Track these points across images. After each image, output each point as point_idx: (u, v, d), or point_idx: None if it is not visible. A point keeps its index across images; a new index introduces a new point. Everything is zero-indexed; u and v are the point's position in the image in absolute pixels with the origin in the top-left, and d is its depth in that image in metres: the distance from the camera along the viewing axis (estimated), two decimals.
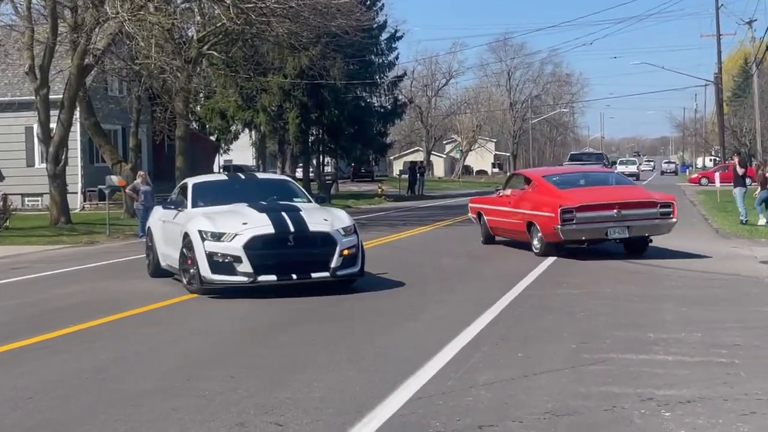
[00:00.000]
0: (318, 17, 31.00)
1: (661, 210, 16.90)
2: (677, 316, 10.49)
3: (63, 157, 29.40)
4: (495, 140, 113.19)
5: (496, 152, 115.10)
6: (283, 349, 9.01)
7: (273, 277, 12.13)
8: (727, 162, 50.49)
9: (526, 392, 7.03)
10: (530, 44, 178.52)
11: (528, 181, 18.78)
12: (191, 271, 12.53)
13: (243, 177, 16.81)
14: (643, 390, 7.00)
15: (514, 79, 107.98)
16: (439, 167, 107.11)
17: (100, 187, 31.13)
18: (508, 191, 19.24)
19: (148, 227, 15.54)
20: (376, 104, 56.50)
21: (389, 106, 57.01)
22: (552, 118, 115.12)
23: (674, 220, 17.04)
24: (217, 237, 12.22)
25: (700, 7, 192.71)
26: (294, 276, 12.22)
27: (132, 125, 36.33)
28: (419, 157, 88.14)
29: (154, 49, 27.77)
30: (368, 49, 51.33)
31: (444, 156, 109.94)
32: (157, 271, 14.69)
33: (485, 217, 19.87)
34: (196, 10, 35.18)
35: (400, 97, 61.83)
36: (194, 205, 13.68)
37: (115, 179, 30.78)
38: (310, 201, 14.31)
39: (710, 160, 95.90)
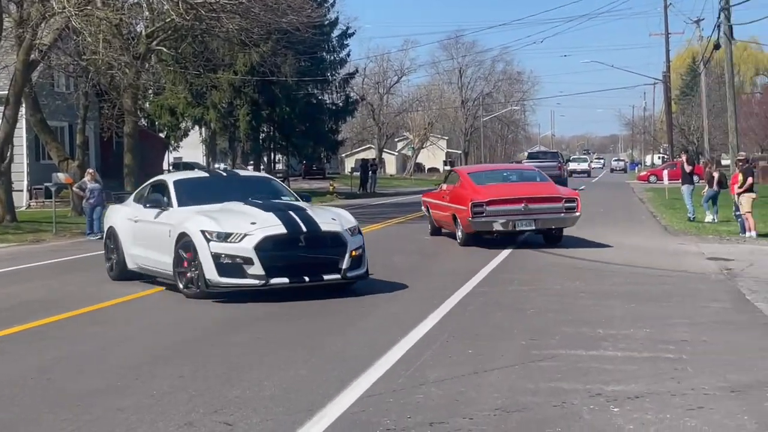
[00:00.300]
0: (269, 13, 30.86)
1: (566, 205, 18.10)
2: (626, 312, 10.58)
3: (8, 154, 28.92)
4: (447, 138, 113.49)
5: (448, 150, 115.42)
6: (234, 348, 8.94)
7: (285, 280, 11.51)
8: (675, 160, 51.13)
9: (476, 389, 7.04)
10: (482, 42, 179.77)
11: (457, 177, 20.39)
12: (190, 274, 11.81)
13: (225, 174, 15.94)
14: (592, 386, 7.05)
15: (466, 76, 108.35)
16: (391, 165, 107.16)
17: (46, 184, 30.72)
18: (445, 186, 20.69)
19: (110, 227, 14.47)
20: (327, 101, 56.44)
21: (341, 104, 56.98)
22: (503, 116, 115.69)
23: (578, 214, 18.17)
24: (224, 237, 11.49)
25: (649, 6, 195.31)
26: (306, 278, 11.64)
27: (79, 122, 35.88)
28: (371, 154, 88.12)
29: (102, 44, 27.42)
30: (320, 46, 51.29)
31: (396, 153, 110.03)
32: (123, 273, 13.90)
33: (431, 210, 21.28)
34: (145, 5, 34.79)
35: (351, 94, 61.85)
36: (181, 204, 12.79)
37: (61, 177, 30.36)
38: (298, 199, 13.65)
39: (659, 157, 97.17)
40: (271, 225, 11.63)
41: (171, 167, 58.80)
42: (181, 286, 12.03)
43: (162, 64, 41.13)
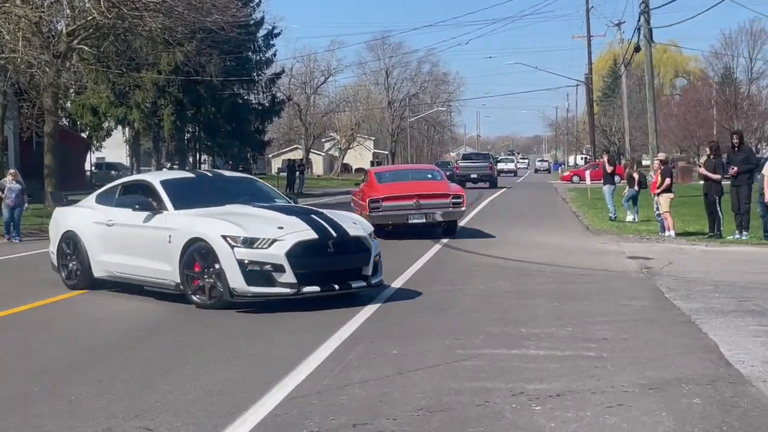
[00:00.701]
0: (193, 12, 30.55)
1: (453, 201, 20.22)
2: (548, 310, 10.71)
3: None
4: (374, 138, 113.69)
5: (375, 150, 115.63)
6: (156, 351, 8.81)
7: (316, 288, 10.81)
8: (597, 160, 52.01)
9: (400, 389, 7.05)
10: (408, 43, 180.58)
11: (366, 176, 23.03)
12: (202, 282, 10.95)
13: (211, 175, 14.92)
14: (515, 384, 7.11)
15: (392, 77, 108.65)
16: (318, 165, 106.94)
17: None
18: (361, 185, 22.88)
19: (69, 231, 13.10)
20: (254, 101, 56.13)
21: (267, 104, 56.71)
22: (429, 117, 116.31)
23: (463, 208, 20.63)
24: (249, 243, 10.67)
25: (572, 9, 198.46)
26: (336, 286, 11.02)
27: None
28: (298, 155, 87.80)
29: (21, 42, 26.87)
30: (245, 46, 50.98)
31: (323, 154, 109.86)
32: (87, 282, 12.79)
33: (354, 208, 22.39)
34: (66, 3, 34.13)
35: (278, 94, 61.57)
36: (178, 207, 11.79)
37: None
38: (288, 202, 13.06)
39: (581, 158, 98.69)
40: (301, 230, 10.98)
41: (93, 168, 57.82)
42: (194, 298, 11.07)
43: (83, 63, 40.38)
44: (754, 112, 63.51)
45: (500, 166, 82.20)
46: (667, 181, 20.01)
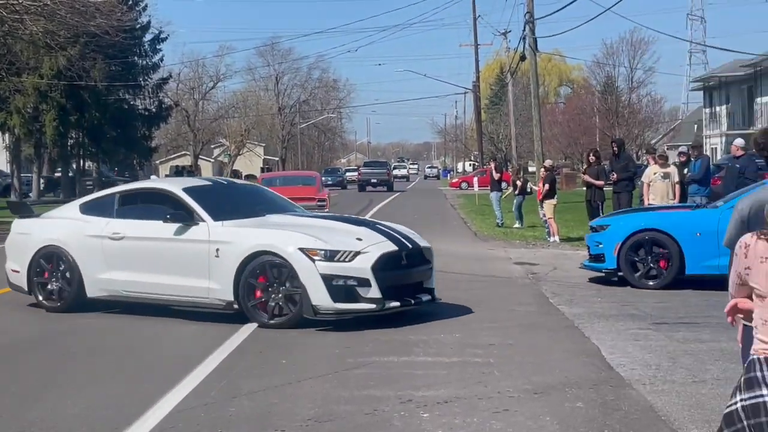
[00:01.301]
0: (76, 16, 29.81)
1: (318, 203, 22.61)
2: (437, 317, 10.78)
3: None
4: (264, 145, 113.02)
5: (266, 156, 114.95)
6: (39, 364, 8.57)
7: (397, 303, 10.20)
8: (485, 167, 52.85)
9: (289, 400, 7.02)
10: (298, 49, 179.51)
11: (256, 181, 24.97)
12: (266, 298, 10.10)
13: (225, 182, 13.62)
14: (403, 392, 7.16)
15: (282, 83, 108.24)
16: (207, 171, 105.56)
17: None
18: None
19: (52, 246, 11.56)
20: (140, 107, 55.03)
21: (154, 109, 55.67)
22: (320, 123, 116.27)
23: (327, 210, 22.04)
24: (330, 256, 9.94)
25: (459, 18, 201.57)
26: (411, 300, 10.45)
27: None
28: (186, 161, 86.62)
29: None
30: (131, 51, 49.96)
31: (212, 160, 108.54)
32: (77, 302, 11.37)
33: None
34: None
35: (165, 99, 60.47)
36: (216, 218, 10.68)
37: None
38: (300, 209, 12.38)
39: (470, 165, 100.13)
40: (380, 241, 10.40)
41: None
42: (263, 317, 10.14)
43: None
44: (634, 120, 65.42)
45: (395, 172, 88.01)
46: (546, 187, 20.50)
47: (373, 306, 10.01)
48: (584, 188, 20.94)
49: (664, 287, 12.74)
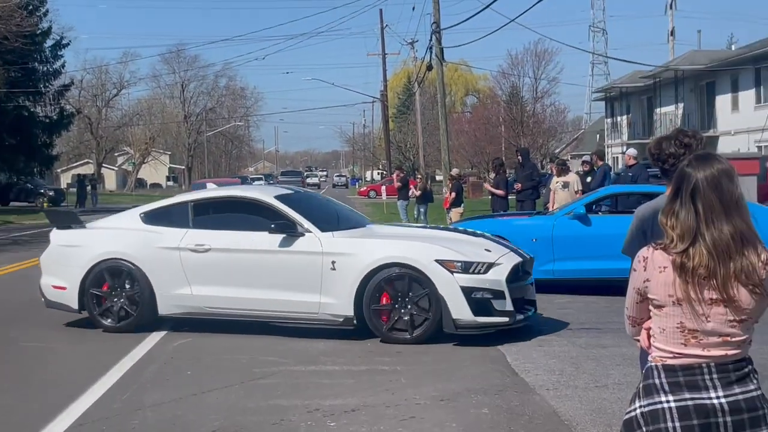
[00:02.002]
0: None
1: None
2: None
3: None
4: (170, 153, 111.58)
5: (171, 165, 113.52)
6: None
7: (521, 316, 9.79)
8: (392, 176, 53.11)
9: (194, 411, 6.93)
10: (204, 57, 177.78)
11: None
12: (399, 315, 9.52)
13: (303, 191, 12.90)
14: (311, 401, 7.14)
15: (189, 91, 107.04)
16: (111, 180, 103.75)
17: None
18: None
19: (115, 260, 10.49)
20: (41, 114, 53.72)
21: (55, 116, 54.43)
22: (227, 131, 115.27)
23: None
24: (466, 268, 9.46)
25: (367, 27, 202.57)
26: (529, 313, 10.09)
27: None
28: (89, 169, 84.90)
29: None
30: (32, 57, 48.79)
31: (116, 168, 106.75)
32: (146, 321, 10.43)
33: None
34: None
35: (67, 107, 59.25)
36: (323, 229, 10.06)
37: None
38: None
39: (378, 173, 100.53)
40: (506, 253, 9.98)
41: None
42: (393, 332, 9.59)
43: None
44: (539, 130, 66.55)
45: (308, 180, 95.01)
46: (453, 195, 20.76)
47: (506, 319, 9.57)
48: (489, 197, 21.25)
49: None
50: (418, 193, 23.81)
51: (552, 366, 8.37)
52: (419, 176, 29.43)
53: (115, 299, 10.45)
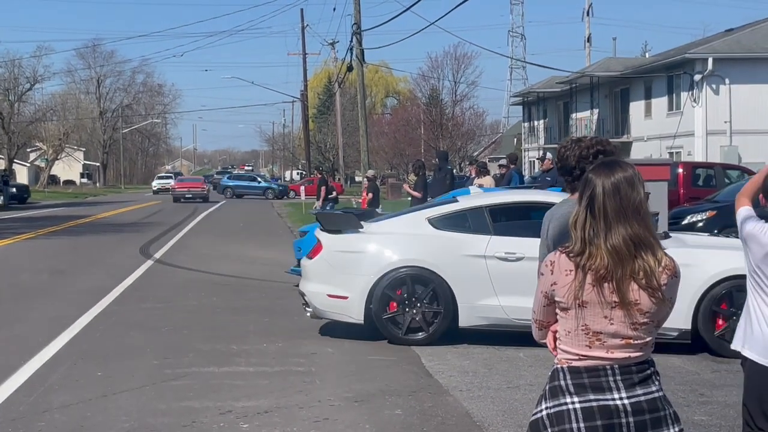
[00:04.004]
0: None
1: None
2: (260, 326, 10.73)
3: None
4: (84, 149, 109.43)
5: (86, 162, 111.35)
6: None
7: None
8: (312, 176, 52.97)
9: (103, 413, 6.80)
10: (121, 52, 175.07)
11: None
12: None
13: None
14: (223, 403, 7.07)
15: (104, 87, 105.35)
16: (23, 176, 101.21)
17: None
18: None
19: (419, 269, 9.67)
20: None
21: None
22: (144, 129, 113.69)
23: None
24: None
25: (287, 26, 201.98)
26: None
27: None
28: (0, 165, 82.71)
29: None
30: None
31: (28, 165, 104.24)
32: (442, 333, 9.58)
33: None
34: None
35: None
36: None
37: None
38: None
39: (297, 173, 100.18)
40: None
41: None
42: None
43: None
44: (458, 132, 67.21)
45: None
46: (370, 195, 20.85)
47: None
48: (408, 198, 21.33)
49: None
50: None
51: (466, 367, 8.44)
52: (339, 177, 29.41)
53: (411, 309, 9.59)
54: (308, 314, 10.28)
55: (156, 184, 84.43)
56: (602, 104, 49.30)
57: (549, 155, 17.45)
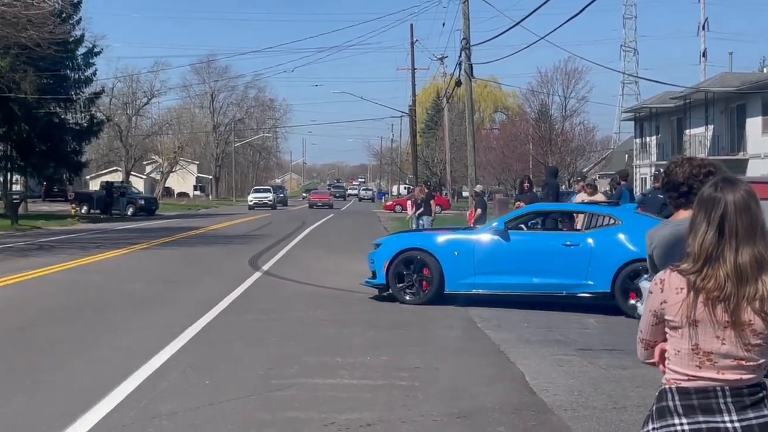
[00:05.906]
0: (6, 27, 29.33)
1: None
2: (365, 339, 10.78)
3: None
4: (197, 162, 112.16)
5: (199, 174, 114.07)
6: None
7: None
8: (415, 190, 53.00)
9: (210, 421, 6.91)
10: (234, 68, 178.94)
11: None
12: None
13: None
14: (327, 414, 7.10)
15: (218, 101, 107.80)
16: (139, 188, 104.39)
17: None
18: None
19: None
20: (71, 121, 54.20)
21: (85, 124, 54.92)
22: (255, 142, 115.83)
23: None
24: None
25: (397, 42, 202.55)
26: None
27: None
28: (118, 177, 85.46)
29: None
30: (63, 64, 49.22)
31: (144, 177, 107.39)
32: None
33: None
34: None
35: (97, 114, 59.76)
36: None
37: None
38: None
39: (405, 188, 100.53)
40: None
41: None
42: None
43: None
44: (567, 148, 66.38)
45: (348, 191, 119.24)
46: (478, 211, 20.76)
47: None
48: None
49: (427, 302, 13.85)
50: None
51: (571, 386, 8.30)
52: (445, 192, 29.44)
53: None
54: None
55: (252, 198, 74.84)
56: (717, 120, 48.01)
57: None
